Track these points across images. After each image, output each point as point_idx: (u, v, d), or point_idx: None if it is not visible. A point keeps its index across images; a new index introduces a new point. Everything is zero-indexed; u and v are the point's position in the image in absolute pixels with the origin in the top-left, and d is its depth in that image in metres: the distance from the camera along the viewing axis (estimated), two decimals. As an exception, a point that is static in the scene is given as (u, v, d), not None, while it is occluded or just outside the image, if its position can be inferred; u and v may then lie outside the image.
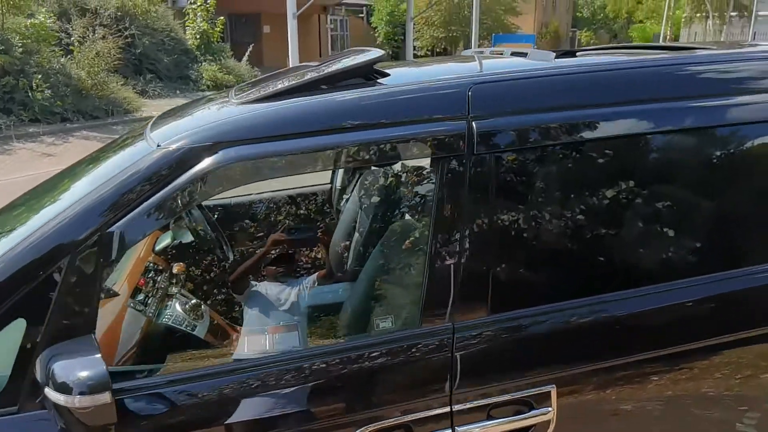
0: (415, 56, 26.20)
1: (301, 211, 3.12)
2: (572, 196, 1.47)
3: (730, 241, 1.61)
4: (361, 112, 1.40)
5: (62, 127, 10.85)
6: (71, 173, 1.64)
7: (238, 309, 2.43)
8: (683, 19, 34.17)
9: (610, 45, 2.49)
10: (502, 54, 2.01)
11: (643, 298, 1.52)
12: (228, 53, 17.82)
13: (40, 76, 10.85)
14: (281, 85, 1.61)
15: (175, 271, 2.16)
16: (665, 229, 1.53)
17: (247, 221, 2.99)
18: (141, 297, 1.97)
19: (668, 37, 33.47)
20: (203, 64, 16.40)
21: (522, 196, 1.45)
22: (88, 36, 13.00)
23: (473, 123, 1.39)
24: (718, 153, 1.56)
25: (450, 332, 1.41)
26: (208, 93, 15.19)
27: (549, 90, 1.47)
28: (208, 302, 2.38)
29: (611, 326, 1.51)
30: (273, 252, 2.49)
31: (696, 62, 1.61)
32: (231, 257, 2.47)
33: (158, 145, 1.36)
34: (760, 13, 29.05)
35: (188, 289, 2.27)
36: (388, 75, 1.63)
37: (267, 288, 2.38)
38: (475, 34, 18.00)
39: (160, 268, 2.18)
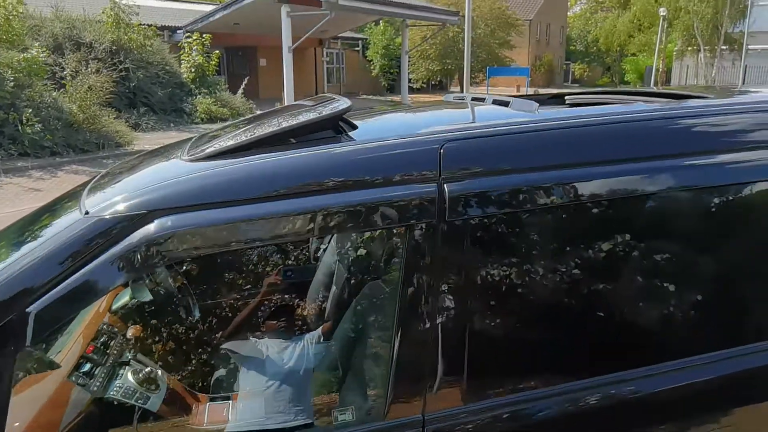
0: (411, 89, 26.36)
1: (290, 261, 2.94)
2: (557, 266, 1.31)
3: (745, 314, 1.44)
4: (319, 174, 1.25)
5: (51, 161, 10.73)
6: (3, 236, 1.48)
7: (207, 374, 2.22)
8: (675, 53, 34.61)
9: (600, 89, 2.35)
10: (483, 101, 1.87)
11: (646, 379, 1.35)
12: (223, 86, 17.87)
13: (30, 110, 10.78)
14: (241, 137, 1.46)
15: (129, 335, 1.96)
16: (666, 300, 1.36)
17: (227, 271, 2.80)
18: (87, 367, 1.77)
19: (661, 69, 33.84)
20: (198, 97, 16.40)
21: (501, 268, 1.28)
22: (81, 70, 12.98)
23: (445, 186, 1.23)
24: (719, 213, 1.41)
25: (419, 425, 1.23)
26: (202, 126, 15.18)
27: (530, 147, 1.32)
28: (172, 369, 2.17)
29: (605, 415, 1.33)
30: (269, 300, 2.28)
31: (693, 114, 1.45)
32: (197, 315, 2.28)
33: (86, 213, 1.19)
34: (750, 46, 29.44)
35: (149, 354, 2.07)
36: (355, 127, 1.49)
37: (268, 345, 2.11)
38: (467, 70, 18.03)
39: (115, 330, 1.99)
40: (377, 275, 1.90)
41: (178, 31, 19.07)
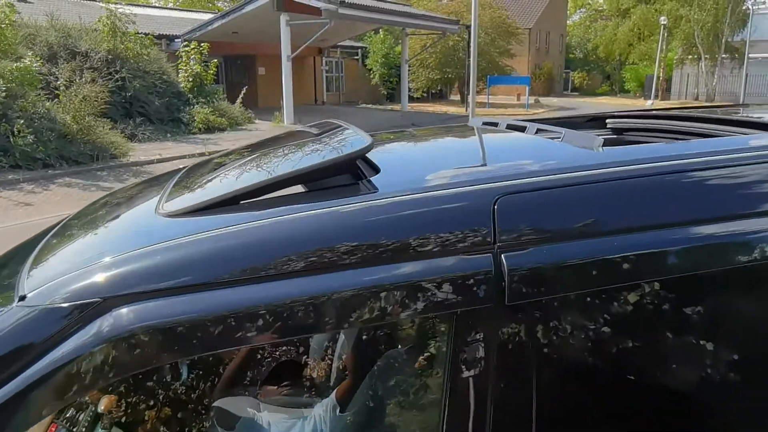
0: (410, 97, 26.06)
1: None
2: (662, 366, 0.99)
3: None
4: (335, 241, 0.93)
5: (43, 174, 10.41)
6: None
7: None
8: (675, 61, 34.48)
9: (648, 112, 2.04)
10: (524, 130, 1.55)
11: None
12: (221, 95, 17.59)
13: (22, 121, 10.47)
14: (237, 183, 1.16)
15: (102, 408, 1.64)
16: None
17: None
18: (47, 455, 1.46)
19: (661, 78, 33.68)
20: (195, 106, 16.10)
21: (583, 370, 0.97)
22: (76, 79, 12.68)
23: (503, 257, 0.92)
24: None
25: None
26: (200, 136, 14.87)
27: (619, 201, 1.01)
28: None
29: None
30: (263, 352, 1.91)
31: None
32: (185, 375, 1.95)
33: (20, 298, 0.88)
34: (751, 55, 29.32)
35: (125, 427, 1.74)
36: (377, 170, 1.17)
37: (269, 420, 1.61)
38: (473, 79, 17.56)
39: (86, 400, 1.67)
40: (415, 331, 1.53)
41: (176, 40, 18.83)
